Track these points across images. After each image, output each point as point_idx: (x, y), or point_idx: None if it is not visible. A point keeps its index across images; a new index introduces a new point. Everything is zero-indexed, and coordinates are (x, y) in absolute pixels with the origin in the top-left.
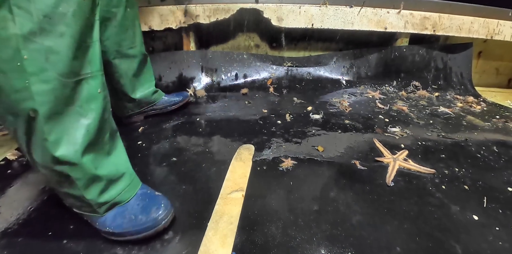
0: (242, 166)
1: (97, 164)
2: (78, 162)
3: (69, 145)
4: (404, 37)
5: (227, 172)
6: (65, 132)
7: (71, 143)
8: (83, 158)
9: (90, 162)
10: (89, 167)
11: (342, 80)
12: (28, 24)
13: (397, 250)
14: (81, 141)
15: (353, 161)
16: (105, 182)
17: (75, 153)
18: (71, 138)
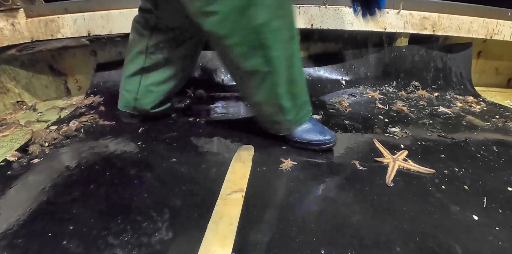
0: (242, 167)
1: (297, 95)
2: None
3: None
4: (404, 37)
5: (227, 173)
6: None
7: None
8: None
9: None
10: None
11: (342, 80)
12: (263, 15)
13: (397, 250)
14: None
15: (352, 161)
16: (299, 108)
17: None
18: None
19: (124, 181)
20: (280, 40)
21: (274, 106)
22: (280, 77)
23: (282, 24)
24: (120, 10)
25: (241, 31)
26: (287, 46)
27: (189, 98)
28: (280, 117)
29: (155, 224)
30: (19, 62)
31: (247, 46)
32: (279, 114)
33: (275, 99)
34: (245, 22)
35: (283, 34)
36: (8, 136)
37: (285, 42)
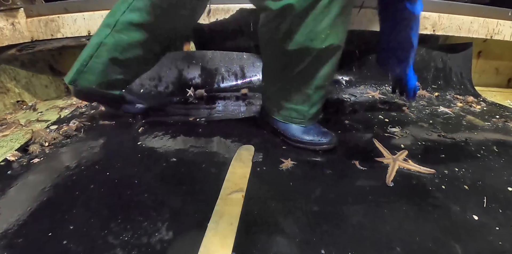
0: (242, 167)
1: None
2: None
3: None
4: None
5: (227, 173)
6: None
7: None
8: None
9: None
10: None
11: (342, 80)
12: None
13: (397, 250)
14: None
15: (353, 161)
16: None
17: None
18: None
19: (124, 180)
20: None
21: (308, 96)
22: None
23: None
24: None
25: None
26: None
27: (189, 98)
28: (304, 108)
29: (155, 224)
30: (19, 62)
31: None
32: (305, 105)
33: (311, 89)
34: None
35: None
36: (8, 135)
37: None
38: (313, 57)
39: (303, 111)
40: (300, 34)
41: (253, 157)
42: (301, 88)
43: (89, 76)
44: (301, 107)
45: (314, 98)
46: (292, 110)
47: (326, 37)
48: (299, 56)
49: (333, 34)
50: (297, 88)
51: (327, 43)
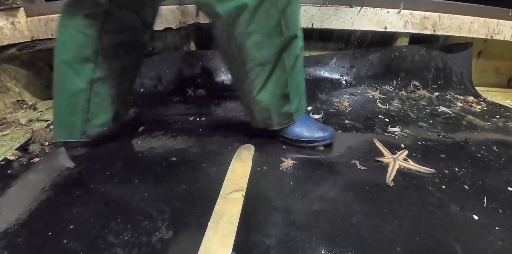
0: (242, 166)
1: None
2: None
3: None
4: (404, 37)
5: (227, 172)
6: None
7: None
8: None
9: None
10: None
11: (342, 80)
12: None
13: (397, 250)
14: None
15: (353, 160)
16: (301, 95)
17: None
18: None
19: (125, 180)
20: (297, 22)
21: (282, 97)
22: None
23: (295, 8)
24: None
25: (263, 18)
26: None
27: (190, 97)
28: (286, 108)
29: (155, 223)
30: (19, 61)
31: (268, 31)
32: (286, 105)
33: (284, 88)
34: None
35: (296, 19)
36: (9, 135)
37: (298, 25)
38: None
39: (291, 110)
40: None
41: (253, 156)
42: (277, 92)
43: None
44: (287, 110)
45: (293, 93)
46: (281, 116)
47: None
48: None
49: (289, 24)
50: (273, 94)
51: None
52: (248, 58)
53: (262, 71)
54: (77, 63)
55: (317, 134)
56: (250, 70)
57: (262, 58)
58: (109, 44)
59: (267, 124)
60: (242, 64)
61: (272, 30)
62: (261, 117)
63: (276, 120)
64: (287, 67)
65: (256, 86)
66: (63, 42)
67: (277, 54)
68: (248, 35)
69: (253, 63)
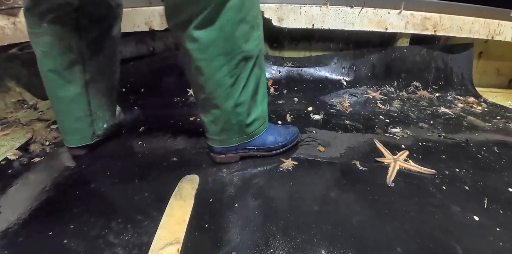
0: (182, 207)
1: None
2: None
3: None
4: (405, 38)
5: (162, 216)
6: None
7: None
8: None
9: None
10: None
11: (343, 80)
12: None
13: (398, 250)
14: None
15: (353, 161)
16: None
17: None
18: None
19: (125, 180)
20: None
21: (251, 102)
22: (262, 60)
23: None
24: None
25: (249, 7)
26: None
27: (190, 97)
28: (253, 114)
29: (156, 224)
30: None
31: (252, 22)
32: (252, 112)
33: (256, 91)
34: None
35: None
36: (9, 134)
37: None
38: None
39: (262, 112)
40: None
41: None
42: (249, 96)
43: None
44: (258, 113)
45: (259, 99)
46: (256, 121)
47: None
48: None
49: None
50: (246, 99)
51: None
52: (234, 51)
53: (246, 68)
54: (65, 70)
55: (290, 133)
56: (235, 68)
57: (247, 51)
58: (92, 40)
59: (236, 134)
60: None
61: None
62: (232, 129)
63: (235, 134)
64: (262, 64)
65: (233, 92)
66: (44, 52)
67: (258, 47)
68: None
69: (238, 59)
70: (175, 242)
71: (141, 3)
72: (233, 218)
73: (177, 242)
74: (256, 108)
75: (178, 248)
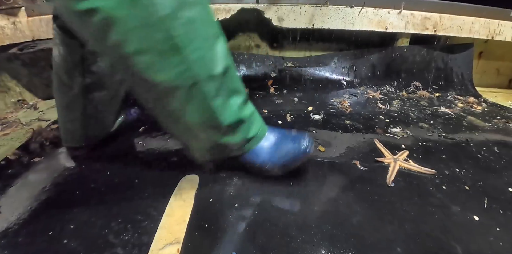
0: (182, 207)
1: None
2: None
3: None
4: (405, 38)
5: (162, 216)
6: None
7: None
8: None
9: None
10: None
11: (343, 80)
12: (169, 2)
13: (398, 250)
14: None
15: (353, 161)
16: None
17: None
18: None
19: (125, 180)
20: (198, 36)
21: (213, 128)
22: (211, 85)
23: (197, 13)
24: None
25: (140, 31)
26: (211, 45)
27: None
28: (226, 139)
29: (156, 224)
30: (20, 61)
31: (154, 51)
32: (223, 136)
33: (211, 118)
34: (143, 17)
35: (201, 27)
36: (9, 134)
37: (206, 39)
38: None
39: (236, 140)
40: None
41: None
42: (202, 124)
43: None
44: (229, 139)
45: (228, 120)
46: (222, 147)
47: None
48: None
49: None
50: (198, 126)
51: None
52: (147, 85)
53: (173, 100)
54: (66, 73)
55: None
56: (156, 101)
57: (164, 83)
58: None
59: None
60: (144, 93)
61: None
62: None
63: (217, 154)
64: (207, 91)
65: (171, 120)
66: (53, 56)
67: (183, 75)
68: (130, 57)
69: (154, 92)
70: (175, 242)
71: None
72: (233, 218)
73: (177, 242)
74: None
75: (178, 248)
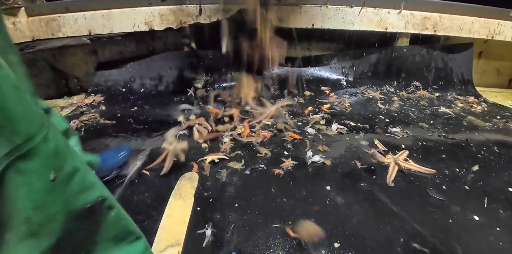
0: (182, 206)
1: None
2: None
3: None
4: (405, 37)
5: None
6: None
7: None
8: None
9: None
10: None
11: (343, 80)
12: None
13: (398, 250)
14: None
15: (354, 161)
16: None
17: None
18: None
19: (125, 179)
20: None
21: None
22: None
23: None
24: (121, 10)
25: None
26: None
27: (190, 97)
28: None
29: (156, 224)
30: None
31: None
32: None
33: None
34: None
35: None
36: None
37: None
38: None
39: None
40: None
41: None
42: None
43: None
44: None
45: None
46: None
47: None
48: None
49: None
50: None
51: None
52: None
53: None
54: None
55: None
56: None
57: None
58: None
59: None
60: None
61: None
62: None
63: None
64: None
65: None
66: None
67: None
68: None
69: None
70: (175, 244)
71: (141, 3)
72: (233, 218)
73: (178, 244)
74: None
75: (179, 250)
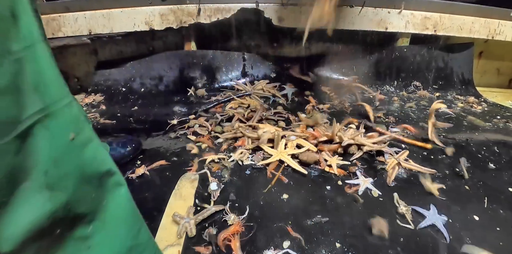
0: (182, 206)
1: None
2: None
3: None
4: (405, 37)
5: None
6: None
7: None
8: None
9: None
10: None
11: (343, 80)
12: None
13: (398, 250)
14: None
15: (354, 160)
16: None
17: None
18: None
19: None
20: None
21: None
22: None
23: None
24: (121, 9)
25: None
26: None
27: (190, 97)
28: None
29: (157, 224)
30: None
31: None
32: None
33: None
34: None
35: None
36: None
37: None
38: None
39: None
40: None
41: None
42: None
43: None
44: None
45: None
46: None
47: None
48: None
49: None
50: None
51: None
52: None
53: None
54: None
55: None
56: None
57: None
58: None
59: None
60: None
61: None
62: None
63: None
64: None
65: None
66: None
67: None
68: None
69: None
70: (176, 244)
71: (142, 2)
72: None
73: (178, 244)
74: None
75: (179, 250)
